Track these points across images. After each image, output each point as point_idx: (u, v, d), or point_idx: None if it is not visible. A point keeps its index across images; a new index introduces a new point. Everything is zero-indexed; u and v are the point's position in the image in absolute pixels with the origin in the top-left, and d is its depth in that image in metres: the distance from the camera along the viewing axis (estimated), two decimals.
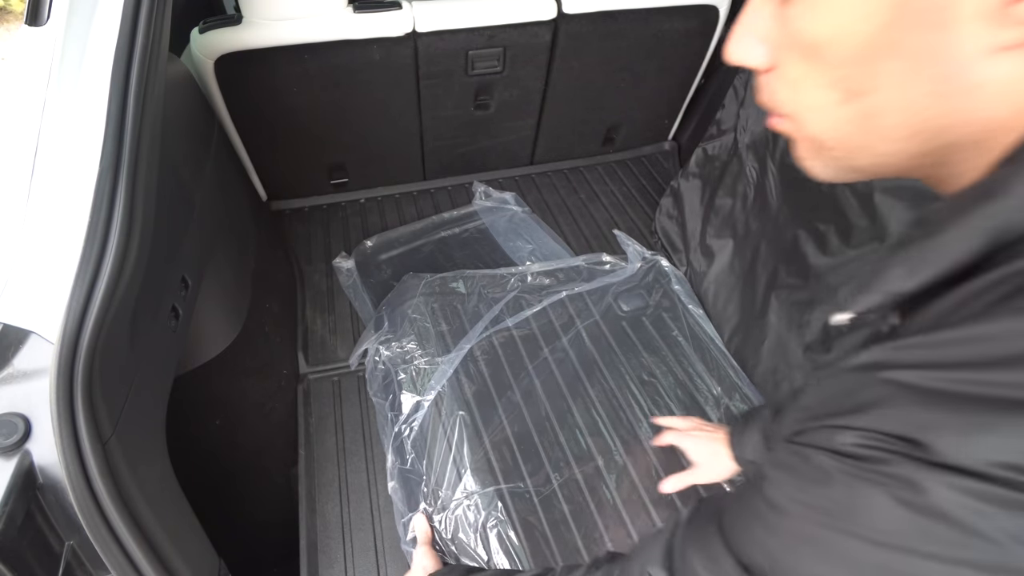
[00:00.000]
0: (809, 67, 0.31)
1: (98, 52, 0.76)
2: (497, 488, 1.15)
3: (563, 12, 1.52)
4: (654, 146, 2.12)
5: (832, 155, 0.34)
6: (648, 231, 1.83)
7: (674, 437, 0.92)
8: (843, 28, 0.29)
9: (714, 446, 0.88)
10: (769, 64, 0.34)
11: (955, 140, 0.29)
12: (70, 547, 0.61)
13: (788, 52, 0.33)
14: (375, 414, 1.33)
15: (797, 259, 1.28)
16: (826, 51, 0.30)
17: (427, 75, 1.55)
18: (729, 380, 1.38)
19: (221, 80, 1.37)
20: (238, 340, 1.17)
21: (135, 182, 0.74)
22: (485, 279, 1.55)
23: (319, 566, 1.11)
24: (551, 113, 1.81)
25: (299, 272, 1.64)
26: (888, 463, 0.26)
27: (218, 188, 1.22)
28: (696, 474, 0.89)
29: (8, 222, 0.71)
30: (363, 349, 1.43)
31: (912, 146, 0.30)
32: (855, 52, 0.29)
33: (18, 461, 0.59)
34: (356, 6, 1.38)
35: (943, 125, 0.28)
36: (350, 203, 1.86)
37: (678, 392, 1.36)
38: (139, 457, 0.71)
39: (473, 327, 1.42)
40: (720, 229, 1.53)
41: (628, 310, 1.51)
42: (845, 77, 0.30)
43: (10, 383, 0.64)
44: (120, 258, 0.70)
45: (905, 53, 0.27)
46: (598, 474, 1.20)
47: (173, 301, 0.90)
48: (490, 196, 1.87)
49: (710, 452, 0.89)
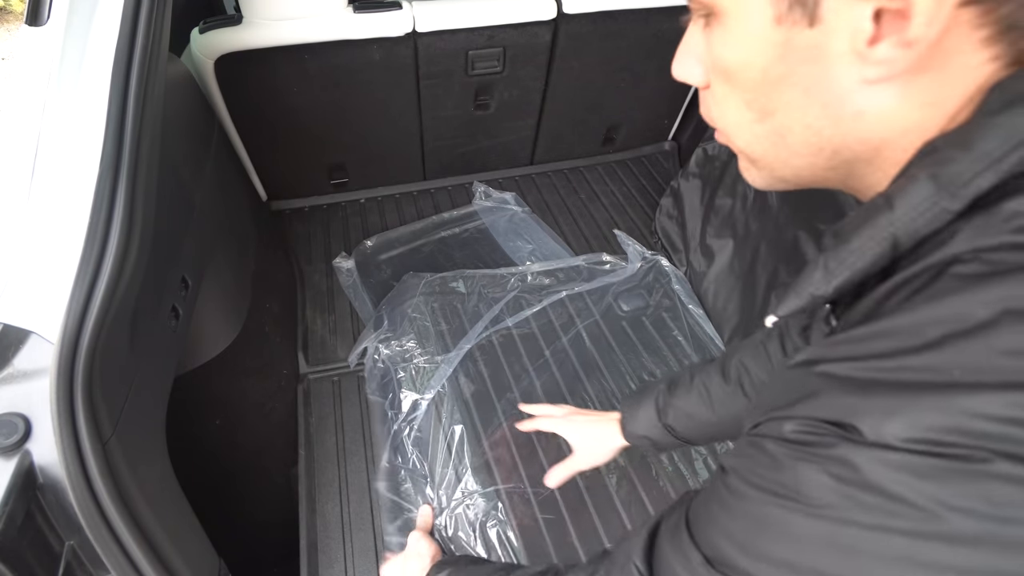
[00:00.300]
0: (728, 89, 0.35)
1: (98, 52, 0.76)
2: (496, 488, 1.15)
3: (563, 12, 1.52)
4: (654, 146, 2.12)
5: (759, 166, 0.38)
6: (648, 231, 1.83)
7: (548, 424, 0.91)
8: (746, 58, 0.33)
9: (593, 429, 0.87)
10: (705, 82, 0.38)
11: (854, 156, 0.33)
12: (70, 547, 0.61)
13: (713, 74, 0.36)
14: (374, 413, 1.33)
15: (797, 259, 1.28)
16: (736, 76, 0.34)
17: (427, 75, 1.55)
18: None
19: (221, 80, 1.37)
20: (238, 340, 1.17)
21: (135, 182, 0.74)
22: (485, 279, 1.55)
23: (319, 566, 1.11)
24: (551, 113, 1.81)
25: (299, 272, 1.64)
26: (824, 446, 0.28)
27: (218, 188, 1.22)
28: (576, 460, 0.88)
29: (8, 222, 0.71)
30: (362, 348, 1.43)
31: (820, 160, 0.34)
32: (758, 79, 0.33)
33: (18, 461, 0.59)
34: (356, 6, 1.38)
35: (840, 144, 0.33)
36: (350, 203, 1.86)
37: None
38: (139, 457, 0.71)
39: (473, 327, 1.42)
40: (720, 229, 1.53)
41: (628, 310, 1.51)
42: (755, 100, 0.34)
43: (10, 383, 0.64)
44: (120, 258, 0.70)
45: (797, 82, 0.32)
46: (597, 475, 1.20)
47: (173, 301, 0.90)
48: (490, 196, 1.87)
49: (589, 436, 0.88)
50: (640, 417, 0.81)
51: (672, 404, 0.78)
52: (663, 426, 0.79)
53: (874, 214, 0.31)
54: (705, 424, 0.76)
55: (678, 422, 0.78)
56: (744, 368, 0.73)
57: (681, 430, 0.78)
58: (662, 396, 0.80)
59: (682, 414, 0.77)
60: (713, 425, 0.76)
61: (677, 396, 0.78)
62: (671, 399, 0.78)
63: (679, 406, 0.77)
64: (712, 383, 0.75)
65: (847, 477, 0.27)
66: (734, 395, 0.73)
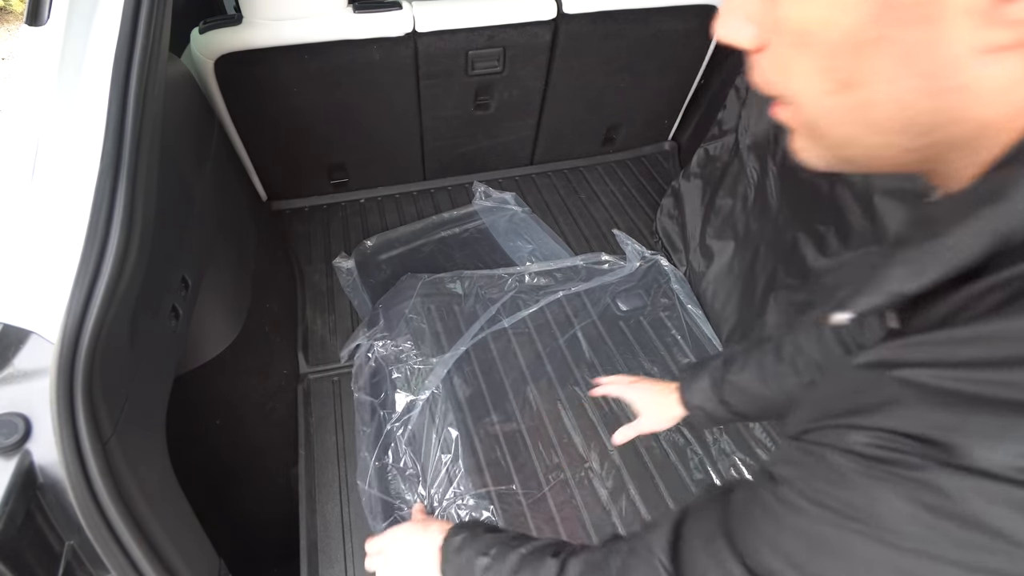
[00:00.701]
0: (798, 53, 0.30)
1: (98, 52, 0.76)
2: (487, 490, 1.15)
3: (563, 12, 1.52)
4: (654, 146, 2.12)
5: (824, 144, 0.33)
6: (648, 231, 1.83)
7: (617, 389, 0.93)
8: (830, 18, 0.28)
9: (658, 395, 0.89)
10: (758, 44, 0.32)
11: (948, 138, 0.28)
12: (70, 547, 0.61)
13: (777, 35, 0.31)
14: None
15: (796, 260, 1.28)
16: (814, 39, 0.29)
17: (427, 75, 1.55)
18: None
19: (221, 80, 1.37)
20: (238, 340, 1.17)
21: (135, 182, 0.74)
22: (483, 279, 1.55)
23: (319, 566, 1.11)
24: (551, 113, 1.81)
25: (299, 272, 1.64)
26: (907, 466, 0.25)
27: (218, 188, 1.22)
28: (641, 423, 0.90)
29: (8, 222, 0.71)
30: (355, 345, 1.43)
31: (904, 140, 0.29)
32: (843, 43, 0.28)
33: (18, 461, 0.59)
34: (356, 6, 1.38)
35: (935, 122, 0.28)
36: (350, 203, 1.86)
37: None
38: (139, 457, 0.71)
39: (469, 328, 1.42)
40: (720, 230, 1.53)
41: (626, 309, 1.51)
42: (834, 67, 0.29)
43: (10, 383, 0.64)
44: (120, 258, 0.70)
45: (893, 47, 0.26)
46: (589, 476, 1.20)
47: (173, 301, 0.90)
48: (490, 196, 1.87)
49: (654, 401, 0.89)
50: (696, 389, 0.83)
51: (727, 379, 0.80)
52: (718, 399, 0.81)
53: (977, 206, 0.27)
54: (758, 399, 0.78)
55: (733, 396, 0.80)
56: (798, 348, 0.75)
57: (735, 404, 0.80)
58: (719, 370, 0.82)
59: (736, 389, 0.79)
60: (767, 400, 0.77)
61: (732, 371, 0.80)
62: (726, 374, 0.80)
63: (734, 381, 0.79)
64: (766, 360, 0.77)
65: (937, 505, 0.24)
66: (787, 373, 0.75)
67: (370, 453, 1.22)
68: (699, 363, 0.86)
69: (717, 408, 0.81)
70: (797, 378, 0.74)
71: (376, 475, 1.19)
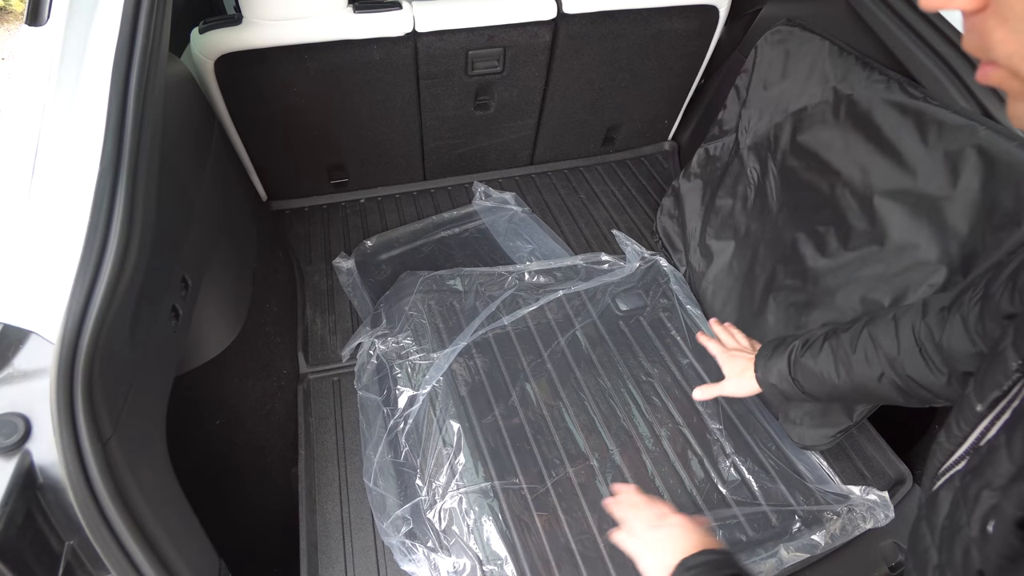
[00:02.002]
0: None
1: (98, 52, 0.76)
2: (491, 484, 1.16)
3: (563, 12, 1.52)
4: (654, 146, 2.12)
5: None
6: (648, 231, 1.83)
7: (716, 349, 1.00)
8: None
9: (746, 368, 0.93)
10: (981, 2, 0.29)
11: None
12: (70, 547, 0.61)
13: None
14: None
15: (796, 261, 1.28)
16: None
17: (427, 75, 1.55)
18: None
19: (221, 80, 1.37)
20: (238, 340, 1.17)
21: (135, 182, 0.74)
22: (483, 277, 1.55)
23: (319, 566, 1.11)
24: (551, 113, 1.81)
25: (299, 272, 1.64)
26: None
27: (218, 188, 1.22)
28: (724, 386, 0.95)
29: (8, 222, 0.71)
30: (356, 344, 1.43)
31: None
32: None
33: (18, 461, 0.59)
34: (356, 6, 1.38)
35: None
36: (350, 203, 1.86)
37: (675, 392, 1.36)
38: (139, 457, 0.71)
39: (469, 324, 1.43)
40: (720, 230, 1.53)
41: (626, 309, 1.51)
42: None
43: (10, 383, 0.64)
44: (120, 258, 0.70)
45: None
46: (592, 473, 1.20)
47: (173, 301, 0.90)
48: (490, 196, 1.87)
49: (740, 371, 0.94)
50: (772, 368, 0.87)
51: (801, 363, 0.84)
52: (792, 380, 0.85)
53: None
54: (830, 385, 0.81)
55: (806, 380, 0.83)
56: (871, 340, 0.77)
57: (807, 387, 0.84)
58: (795, 352, 0.85)
59: (810, 372, 0.83)
60: (837, 388, 0.81)
61: (807, 356, 0.83)
62: (801, 357, 0.84)
63: (808, 365, 0.83)
64: (840, 349, 0.80)
65: None
66: (859, 363, 0.78)
67: (374, 451, 1.22)
68: (778, 341, 0.90)
69: (791, 388, 0.85)
70: (868, 369, 0.77)
71: (380, 472, 1.20)
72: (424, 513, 1.12)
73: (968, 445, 0.45)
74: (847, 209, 1.19)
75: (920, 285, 1.05)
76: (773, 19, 1.46)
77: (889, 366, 0.75)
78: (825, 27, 1.33)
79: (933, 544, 0.45)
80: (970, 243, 0.98)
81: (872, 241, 1.14)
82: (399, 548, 1.08)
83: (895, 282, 1.09)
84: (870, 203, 1.14)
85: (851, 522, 1.11)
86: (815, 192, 1.26)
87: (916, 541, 0.49)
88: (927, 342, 0.71)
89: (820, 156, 1.26)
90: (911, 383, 0.74)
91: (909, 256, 1.07)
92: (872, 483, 1.20)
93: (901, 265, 1.08)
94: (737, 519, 1.14)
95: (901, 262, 1.08)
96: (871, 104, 1.17)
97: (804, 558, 1.08)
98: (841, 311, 1.18)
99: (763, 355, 0.90)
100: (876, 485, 1.19)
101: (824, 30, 1.32)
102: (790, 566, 1.07)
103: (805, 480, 1.20)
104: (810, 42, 1.33)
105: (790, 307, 1.29)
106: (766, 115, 1.42)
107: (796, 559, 1.08)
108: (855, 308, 1.15)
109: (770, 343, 0.92)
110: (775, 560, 1.07)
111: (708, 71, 1.86)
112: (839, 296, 1.18)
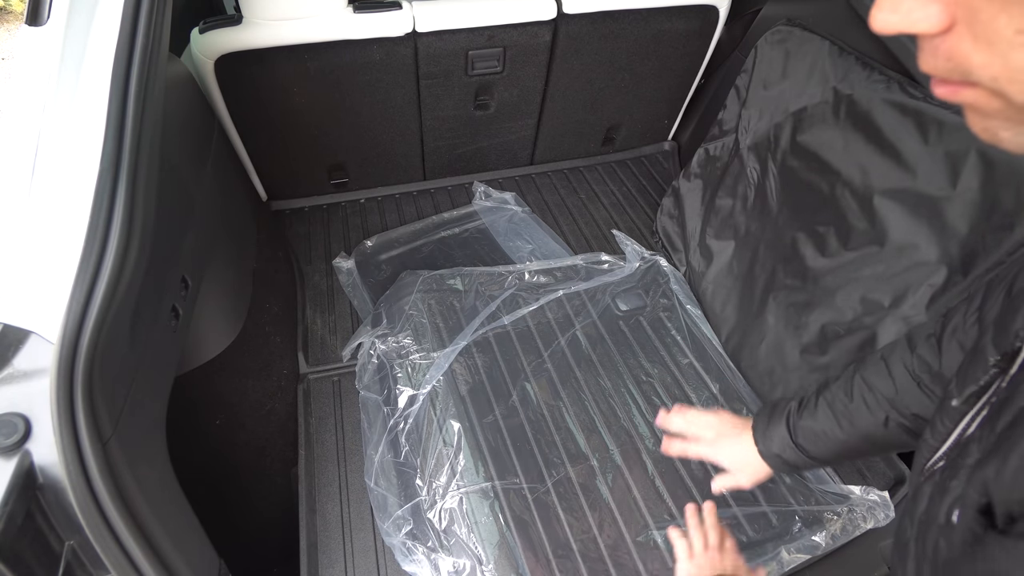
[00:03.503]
0: (1017, 16, 0.24)
1: (98, 52, 0.76)
2: (491, 484, 1.16)
3: (563, 12, 1.52)
4: (654, 146, 2.12)
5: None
6: (648, 231, 1.83)
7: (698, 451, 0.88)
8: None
9: (747, 453, 0.84)
10: (946, 23, 0.27)
11: None
12: (70, 547, 0.61)
13: (983, 2, 0.25)
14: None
15: (796, 261, 1.28)
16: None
17: (427, 75, 1.55)
18: (725, 381, 1.39)
19: (221, 80, 1.37)
20: (238, 340, 1.17)
21: (135, 182, 0.74)
22: (483, 277, 1.55)
23: (319, 566, 1.11)
24: (551, 113, 1.81)
25: (299, 272, 1.64)
26: None
27: (218, 188, 1.22)
28: (738, 479, 0.86)
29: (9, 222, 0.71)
30: (357, 343, 1.43)
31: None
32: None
33: (18, 461, 0.59)
34: (356, 6, 1.38)
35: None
36: (350, 203, 1.86)
37: (675, 392, 1.36)
38: (139, 457, 0.71)
39: (469, 324, 1.43)
40: (720, 230, 1.53)
41: (626, 309, 1.51)
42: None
43: (10, 383, 0.64)
44: (120, 258, 0.70)
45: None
46: (592, 473, 1.20)
47: (173, 301, 0.90)
48: (490, 196, 1.87)
49: (745, 460, 0.85)
50: (772, 436, 0.82)
51: (801, 425, 0.79)
52: (795, 445, 0.79)
53: None
54: (836, 443, 0.77)
55: (808, 442, 0.79)
56: (866, 384, 0.75)
57: (812, 450, 0.79)
58: (792, 415, 0.80)
59: (811, 433, 0.78)
60: (842, 443, 0.77)
61: (806, 416, 0.79)
62: (800, 420, 0.79)
63: (807, 426, 0.79)
64: (837, 402, 0.77)
65: None
66: (858, 412, 0.74)
67: (375, 451, 1.22)
68: (772, 407, 0.84)
69: (795, 455, 0.80)
70: (871, 416, 0.73)
71: (382, 472, 1.20)
72: (424, 513, 1.12)
73: (952, 441, 0.45)
74: (847, 209, 1.19)
75: (920, 285, 1.05)
76: (773, 19, 1.46)
77: (891, 407, 0.72)
78: (825, 27, 1.33)
79: (912, 537, 0.45)
80: (970, 243, 0.98)
81: (872, 241, 1.14)
82: (399, 548, 1.08)
83: (895, 282, 1.09)
84: (870, 203, 1.14)
85: (851, 522, 1.11)
86: (815, 192, 1.26)
87: (899, 535, 0.49)
88: (923, 374, 0.69)
89: (820, 156, 1.26)
90: (918, 421, 0.70)
91: (909, 256, 1.07)
92: (872, 483, 1.20)
93: (901, 265, 1.08)
94: (737, 519, 1.14)
95: (901, 262, 1.08)
96: (871, 104, 1.17)
97: (805, 559, 1.08)
98: (841, 311, 1.18)
99: (759, 425, 0.84)
100: (876, 485, 1.19)
101: (824, 30, 1.33)
102: (790, 568, 1.08)
103: (805, 480, 1.20)
104: (810, 42, 1.33)
105: (790, 307, 1.29)
106: (766, 115, 1.42)
107: (797, 561, 1.08)
108: (855, 308, 1.15)
109: (762, 412, 0.86)
110: (776, 563, 1.07)
111: (708, 71, 1.86)
112: (839, 296, 1.18)
